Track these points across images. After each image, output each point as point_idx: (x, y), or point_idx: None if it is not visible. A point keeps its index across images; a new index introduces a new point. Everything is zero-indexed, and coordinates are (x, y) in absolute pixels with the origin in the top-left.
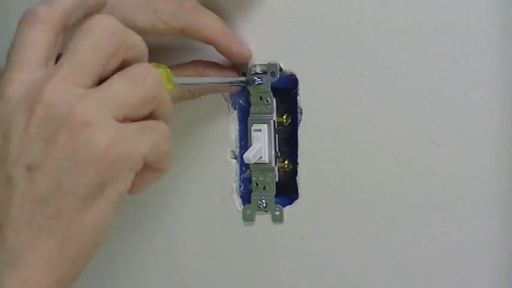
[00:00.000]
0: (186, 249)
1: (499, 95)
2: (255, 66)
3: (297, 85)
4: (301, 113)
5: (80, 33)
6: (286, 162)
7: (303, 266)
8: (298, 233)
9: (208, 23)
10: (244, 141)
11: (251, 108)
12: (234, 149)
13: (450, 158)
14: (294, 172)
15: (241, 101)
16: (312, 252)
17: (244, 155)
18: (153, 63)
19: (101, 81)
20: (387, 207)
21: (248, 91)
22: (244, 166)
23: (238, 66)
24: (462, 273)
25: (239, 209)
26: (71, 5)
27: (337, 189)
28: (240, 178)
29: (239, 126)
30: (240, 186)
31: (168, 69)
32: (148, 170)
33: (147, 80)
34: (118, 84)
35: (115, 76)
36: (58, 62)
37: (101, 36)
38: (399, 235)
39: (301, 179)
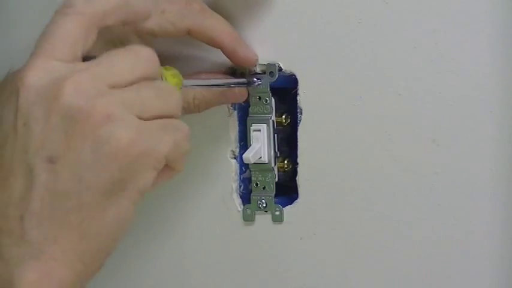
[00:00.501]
0: (186, 249)
1: (499, 95)
2: (255, 66)
3: (297, 85)
4: (301, 113)
5: (123, 50)
6: (285, 162)
7: (303, 266)
8: (298, 233)
9: (215, 24)
10: (244, 141)
11: (250, 108)
12: (234, 149)
13: (450, 158)
14: (293, 172)
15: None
16: (312, 252)
17: (243, 155)
18: (165, 67)
19: None
20: (387, 207)
21: (247, 91)
22: (244, 166)
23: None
24: (462, 273)
25: (239, 209)
26: (110, 7)
27: (337, 189)
28: (240, 178)
29: (239, 126)
30: (240, 186)
31: (179, 73)
32: (164, 168)
33: (171, 98)
34: (145, 90)
35: (143, 83)
36: (90, 61)
37: (142, 59)
38: (399, 235)
39: (301, 179)
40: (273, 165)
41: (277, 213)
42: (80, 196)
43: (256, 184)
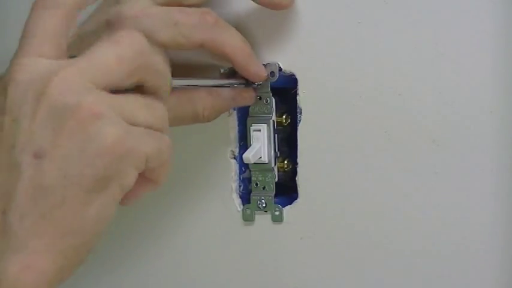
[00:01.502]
0: (186, 249)
1: (499, 95)
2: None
3: (297, 85)
4: (301, 113)
5: (107, 42)
6: (285, 162)
7: (303, 266)
8: (298, 233)
9: (229, 39)
10: (244, 141)
11: (250, 108)
12: (234, 149)
13: (450, 158)
14: (293, 172)
15: None
16: (312, 252)
17: (243, 155)
18: None
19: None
20: (387, 207)
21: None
22: (243, 166)
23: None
24: (462, 273)
25: (239, 209)
26: None
27: (337, 189)
28: (240, 178)
29: (238, 126)
30: (240, 186)
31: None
32: (144, 180)
33: (158, 113)
34: (133, 99)
35: (131, 93)
36: (77, 57)
37: (128, 49)
38: (399, 235)
39: (301, 179)
40: (273, 165)
41: (277, 213)
42: (64, 192)
43: (256, 184)
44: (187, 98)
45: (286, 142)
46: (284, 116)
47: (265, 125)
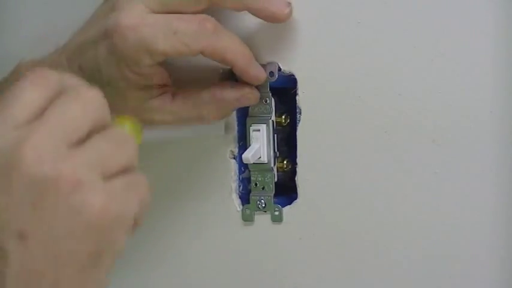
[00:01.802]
0: (186, 249)
1: (499, 95)
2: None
3: (296, 85)
4: (300, 113)
5: (69, 99)
6: (285, 162)
7: (302, 266)
8: (298, 233)
9: (229, 45)
10: (244, 141)
11: (250, 109)
12: (233, 149)
13: (450, 158)
14: (293, 172)
15: None
16: (312, 252)
17: (243, 155)
18: (120, 116)
19: None
20: (387, 207)
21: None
22: (243, 166)
23: None
24: (462, 273)
25: (238, 209)
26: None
27: (337, 189)
28: (239, 178)
29: (238, 126)
30: (239, 186)
31: (138, 122)
32: None
33: (128, 147)
34: (102, 144)
35: (98, 136)
36: (41, 116)
37: (91, 104)
38: (399, 235)
39: (301, 179)
40: (272, 165)
41: (276, 213)
42: (56, 274)
43: (256, 184)
44: (192, 104)
45: (286, 142)
46: (283, 116)
47: (265, 125)
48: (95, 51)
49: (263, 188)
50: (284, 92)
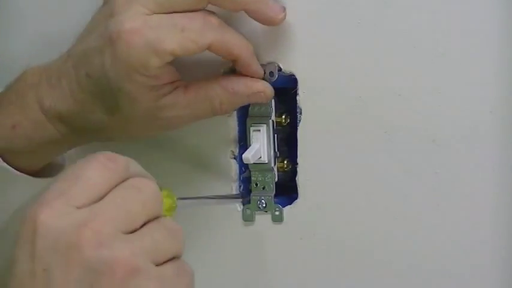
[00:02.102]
0: (186, 249)
1: (499, 94)
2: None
3: (296, 85)
4: (301, 113)
5: (129, 189)
6: (285, 162)
7: (302, 266)
8: (298, 233)
9: (234, 39)
10: (244, 142)
11: (250, 109)
12: (234, 149)
13: (450, 158)
14: (293, 172)
15: None
16: (312, 252)
17: (243, 155)
18: (163, 189)
19: None
20: (387, 207)
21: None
22: (243, 166)
23: None
24: (462, 273)
25: (239, 209)
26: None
27: (337, 189)
28: (240, 178)
29: (238, 126)
30: (240, 186)
31: (174, 195)
32: None
33: (179, 238)
34: (157, 233)
35: (153, 224)
36: (103, 201)
37: (149, 197)
38: (399, 235)
39: (301, 179)
40: (272, 165)
41: (276, 213)
42: None
43: (256, 184)
44: (204, 95)
45: (286, 142)
46: (284, 116)
47: (265, 125)
48: (101, 59)
49: (263, 188)
50: (284, 92)
